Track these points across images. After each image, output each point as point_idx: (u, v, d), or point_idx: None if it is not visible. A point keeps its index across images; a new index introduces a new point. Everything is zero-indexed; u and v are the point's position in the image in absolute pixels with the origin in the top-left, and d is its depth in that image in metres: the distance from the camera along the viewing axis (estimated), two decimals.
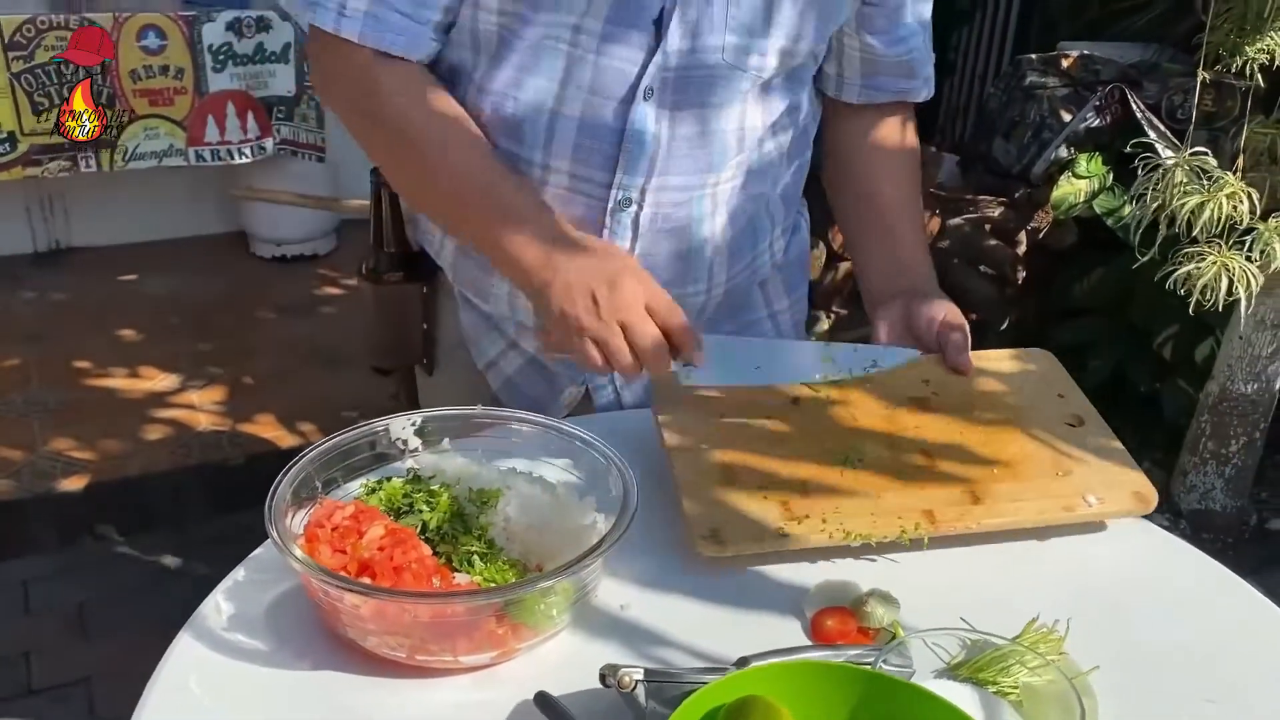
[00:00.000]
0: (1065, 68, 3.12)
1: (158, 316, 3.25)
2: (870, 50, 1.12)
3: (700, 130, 1.03)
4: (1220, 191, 1.99)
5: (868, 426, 1.01)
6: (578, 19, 0.97)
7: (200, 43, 3.06)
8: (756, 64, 1.01)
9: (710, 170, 1.05)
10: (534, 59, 1.00)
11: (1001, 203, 2.90)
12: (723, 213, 1.10)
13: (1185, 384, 2.69)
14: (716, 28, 0.98)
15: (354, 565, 0.79)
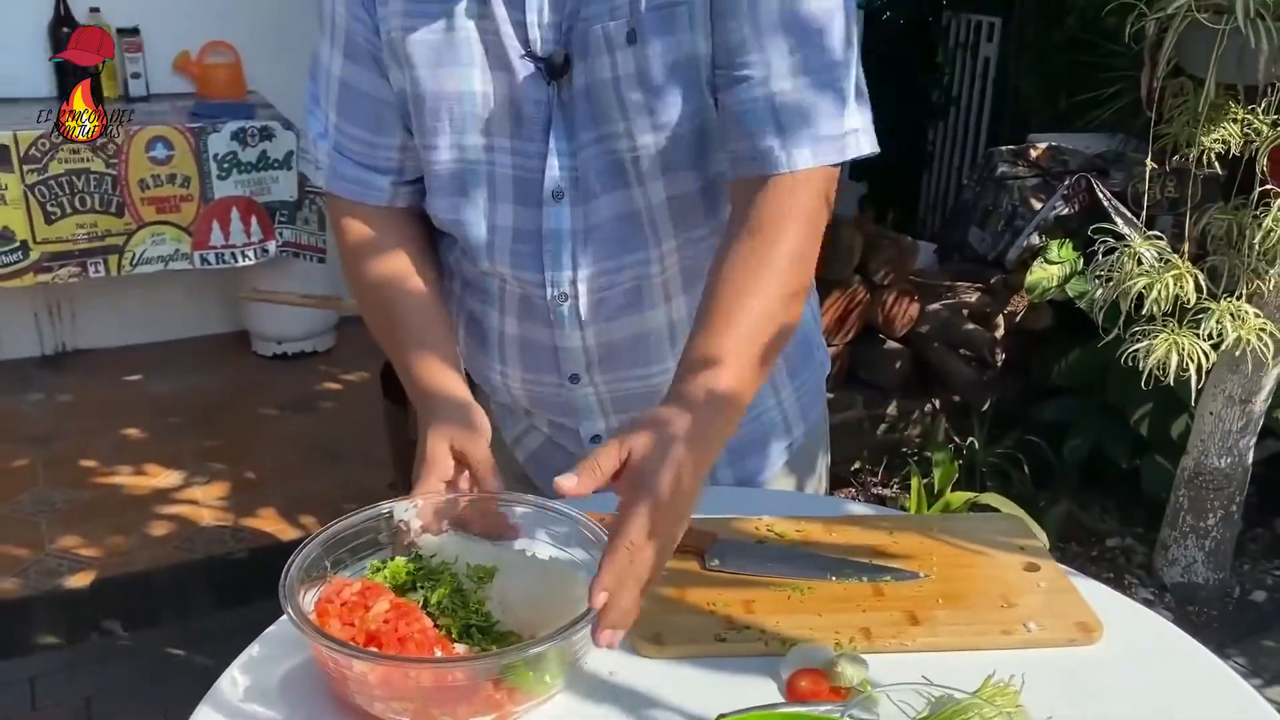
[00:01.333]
0: (1035, 158, 3.27)
1: (162, 415, 3.33)
2: (720, 104, 1.03)
3: (614, 216, 1.09)
4: (1167, 273, 2.10)
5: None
6: (483, 140, 1.08)
7: (206, 152, 3.19)
8: (628, 147, 1.05)
9: (635, 253, 1.11)
10: (459, 181, 1.10)
11: (978, 288, 3.02)
12: (674, 292, 1.15)
13: (1163, 459, 2.76)
14: (589, 123, 1.06)
15: (362, 636, 0.86)
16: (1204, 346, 2.07)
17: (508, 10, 1.03)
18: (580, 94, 1.05)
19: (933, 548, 1.12)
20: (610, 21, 1.01)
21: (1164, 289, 2.09)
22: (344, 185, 1.14)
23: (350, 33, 1.09)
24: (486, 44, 1.05)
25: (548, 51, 1.04)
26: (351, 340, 3.82)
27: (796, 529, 1.14)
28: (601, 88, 1.04)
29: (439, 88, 1.06)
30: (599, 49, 1.02)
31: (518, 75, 1.05)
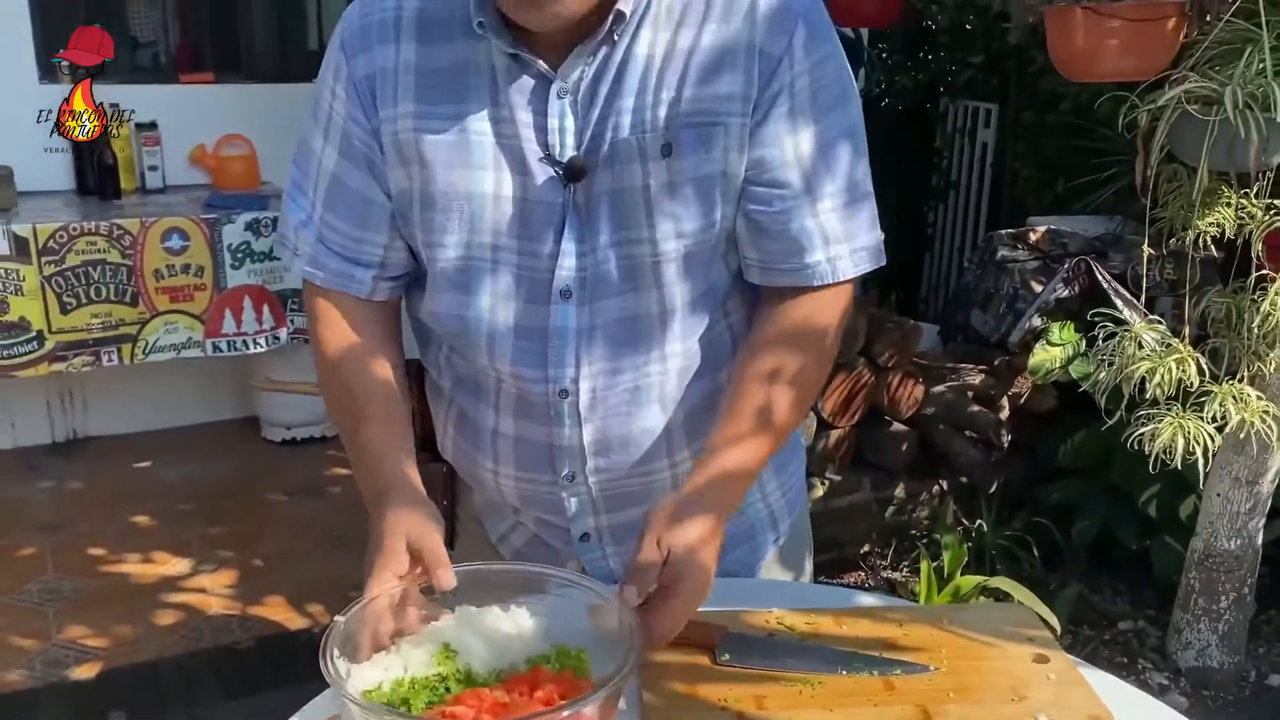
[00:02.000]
0: (1034, 242, 3.32)
1: (171, 502, 3.34)
2: (752, 217, 1.10)
3: (619, 318, 1.11)
4: (1169, 357, 2.13)
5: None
6: (493, 239, 1.09)
7: (221, 242, 3.25)
8: (649, 251, 1.09)
9: (639, 353, 1.13)
10: (464, 278, 1.12)
11: (982, 370, 3.04)
12: (672, 391, 1.16)
13: (1173, 540, 2.76)
14: (607, 226, 1.08)
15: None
16: (1209, 430, 2.08)
17: (529, 115, 1.06)
18: (603, 198, 1.07)
19: (942, 639, 1.12)
20: (646, 133, 1.05)
21: (1167, 373, 2.11)
22: (325, 276, 1.15)
23: (346, 132, 1.11)
24: (502, 146, 1.07)
25: (567, 156, 1.06)
26: None
27: (806, 621, 1.15)
28: (630, 194, 1.07)
29: (450, 188, 1.08)
30: (630, 157, 1.06)
31: (534, 178, 1.07)
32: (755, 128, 1.06)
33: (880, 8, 2.97)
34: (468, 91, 1.07)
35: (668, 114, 1.05)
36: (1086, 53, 1.99)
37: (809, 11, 1.07)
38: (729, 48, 1.05)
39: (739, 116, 1.05)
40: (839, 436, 2.92)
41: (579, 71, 1.05)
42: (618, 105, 1.05)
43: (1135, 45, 1.95)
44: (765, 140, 1.07)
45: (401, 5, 1.08)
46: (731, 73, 1.05)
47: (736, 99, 1.05)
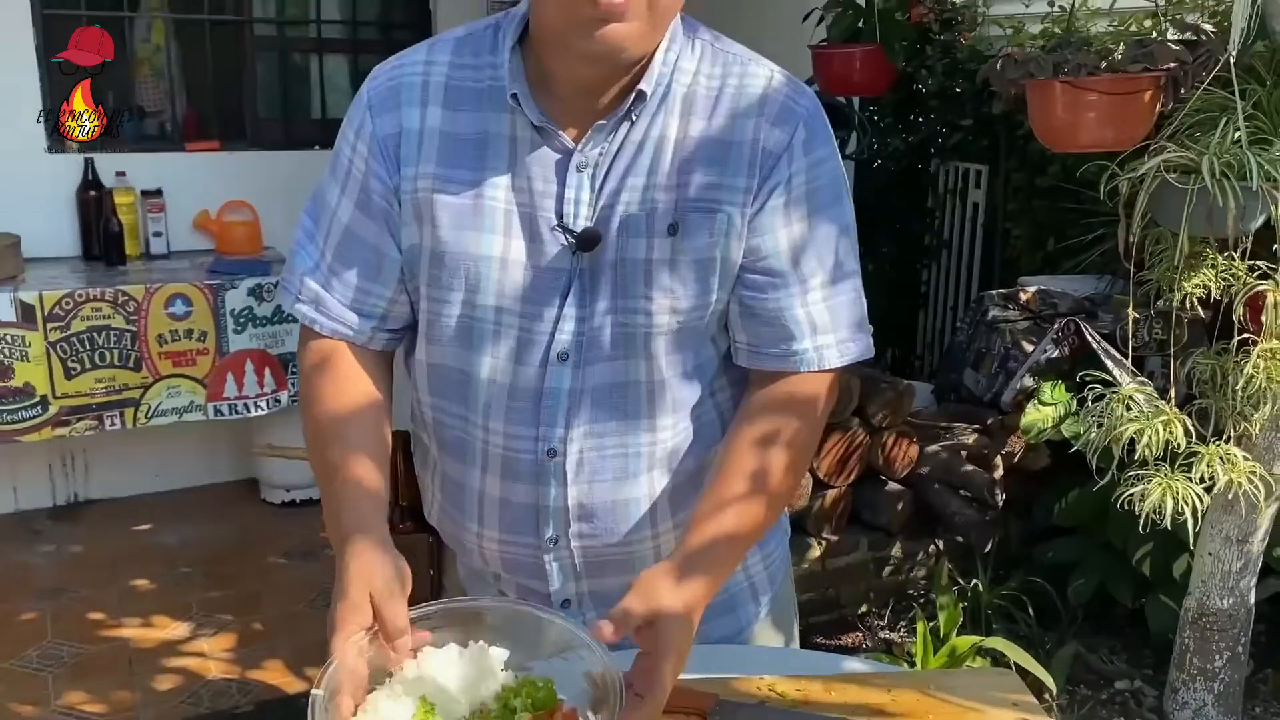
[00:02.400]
0: (1025, 301, 3.37)
1: (171, 565, 3.35)
2: (745, 303, 1.15)
3: (610, 384, 1.16)
4: (1156, 419, 2.16)
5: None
6: (496, 301, 1.14)
7: (224, 308, 3.31)
8: (644, 323, 1.14)
9: (627, 420, 1.17)
10: (466, 336, 1.16)
11: (976, 430, 3.07)
12: (658, 464, 1.20)
13: (1167, 599, 2.77)
14: (607, 294, 1.13)
15: None
16: (1197, 490, 2.11)
17: (546, 185, 1.12)
18: (607, 267, 1.13)
19: (930, 705, 1.15)
20: (655, 211, 1.11)
21: (1154, 434, 2.15)
22: (325, 323, 1.17)
23: (366, 187, 1.15)
24: (514, 213, 1.12)
25: (580, 226, 1.12)
26: None
27: (797, 688, 1.17)
28: (633, 265, 1.12)
29: (460, 248, 1.13)
30: (638, 231, 1.11)
31: (544, 245, 1.13)
32: (753, 216, 1.12)
33: (872, 78, 3.05)
34: (487, 159, 1.12)
35: (676, 196, 1.11)
36: (1066, 125, 2.05)
37: (811, 117, 1.14)
38: (734, 141, 1.12)
39: (740, 207, 1.12)
40: (835, 496, 2.95)
41: (599, 148, 1.11)
42: (631, 182, 1.11)
43: (1113, 117, 2.01)
44: (760, 229, 1.13)
45: (429, 71, 1.14)
46: (735, 165, 1.11)
47: (739, 191, 1.12)
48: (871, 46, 2.92)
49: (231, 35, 3.87)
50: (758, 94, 1.13)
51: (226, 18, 3.85)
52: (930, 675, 1.25)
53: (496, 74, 1.12)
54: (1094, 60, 1.97)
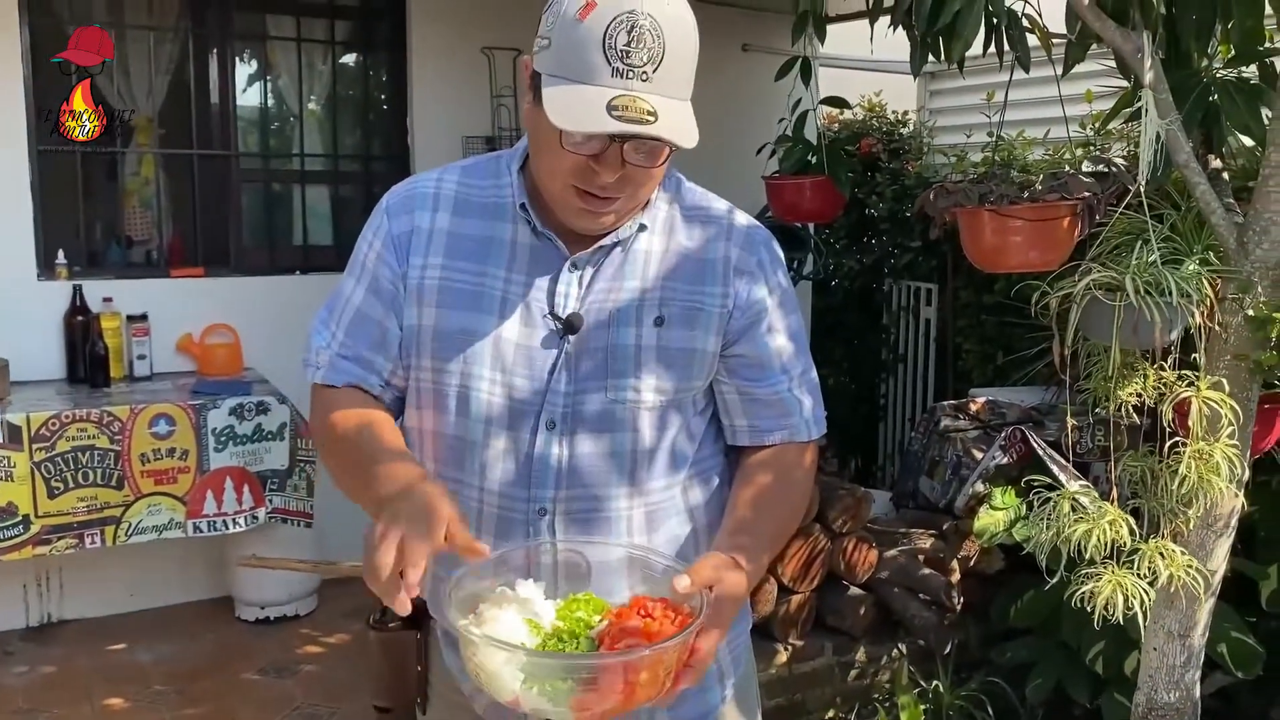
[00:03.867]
0: (974, 412, 3.54)
1: (145, 683, 3.37)
2: (745, 391, 1.38)
3: (595, 452, 1.32)
4: (1103, 518, 2.30)
5: None
6: (491, 373, 1.31)
7: (205, 426, 3.41)
8: (633, 398, 1.32)
9: (611, 486, 1.33)
10: (466, 404, 1.32)
11: (931, 534, 3.20)
12: (638, 527, 1.35)
13: (1121, 696, 2.86)
14: (596, 374, 1.31)
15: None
16: (1143, 585, 2.24)
17: (541, 280, 1.31)
18: (599, 351, 1.31)
19: None
20: (644, 305, 1.32)
21: (1101, 533, 2.28)
22: (342, 376, 1.36)
23: (376, 275, 1.35)
24: (511, 300, 1.31)
25: (567, 313, 1.31)
26: (333, 602, 3.91)
27: None
28: (624, 351, 1.32)
29: (460, 326, 1.31)
30: (628, 321, 1.32)
31: (537, 328, 1.32)
32: (745, 328, 1.36)
33: (822, 206, 3.26)
34: (490, 256, 1.33)
35: (661, 296, 1.33)
36: (995, 248, 2.25)
37: (769, 242, 1.41)
38: (708, 259, 1.36)
39: (718, 309, 1.34)
40: (800, 601, 3.05)
41: (593, 258, 1.31)
42: (623, 284, 1.32)
43: (1036, 241, 2.21)
44: (754, 335, 1.37)
45: (440, 185, 1.36)
46: (711, 277, 1.35)
47: (716, 295, 1.35)
48: (821, 178, 3.14)
49: (217, 167, 4.07)
50: (724, 223, 1.39)
51: (213, 152, 4.05)
52: None
53: (501, 192, 1.34)
54: (1015, 191, 2.18)
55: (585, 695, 1.02)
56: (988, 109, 3.66)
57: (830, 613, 3.12)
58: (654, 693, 1.06)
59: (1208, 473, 2.37)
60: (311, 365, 1.39)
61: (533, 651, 1.05)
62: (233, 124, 4.07)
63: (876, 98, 5.18)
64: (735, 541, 1.26)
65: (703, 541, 1.41)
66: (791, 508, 1.40)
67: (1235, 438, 2.19)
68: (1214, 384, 2.10)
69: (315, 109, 4.34)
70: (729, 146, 3.65)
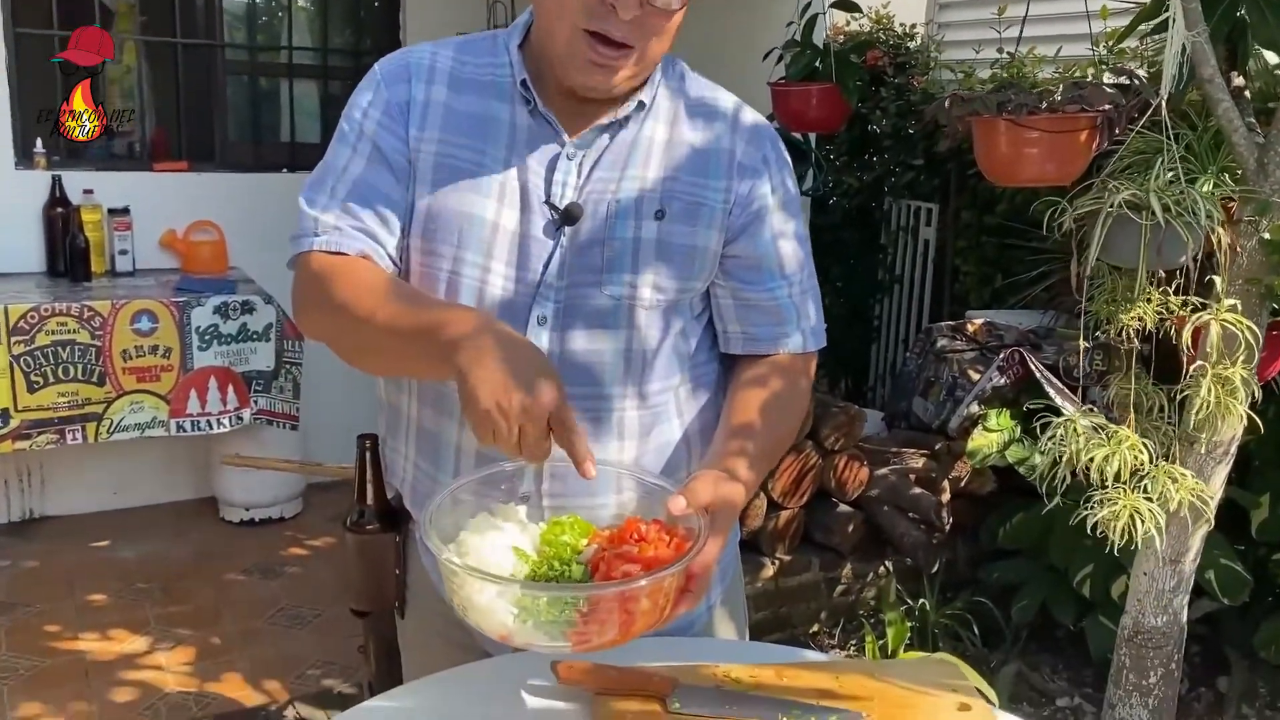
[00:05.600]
0: (972, 333, 3.49)
1: (128, 581, 3.35)
2: (739, 294, 1.31)
3: (588, 349, 1.26)
4: (1121, 444, 2.27)
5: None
6: (484, 260, 1.24)
7: (189, 324, 3.34)
8: (629, 295, 1.25)
9: (603, 386, 1.27)
10: (455, 291, 1.25)
11: (923, 454, 3.18)
12: (630, 431, 1.30)
13: (1106, 619, 2.87)
14: (592, 268, 1.25)
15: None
16: (1157, 509, 2.21)
17: (539, 167, 1.23)
18: (596, 245, 1.24)
19: (875, 689, 1.22)
20: (644, 197, 1.24)
21: (1121, 458, 2.24)
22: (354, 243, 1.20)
23: (379, 143, 1.23)
24: (509, 185, 1.23)
25: (566, 203, 1.23)
26: (318, 505, 3.89)
27: (750, 674, 1.24)
28: (621, 244, 1.24)
29: (457, 207, 1.23)
30: (628, 215, 1.24)
31: (534, 216, 1.24)
32: (745, 225, 1.29)
33: (828, 116, 3.17)
34: (488, 136, 1.24)
35: (663, 188, 1.25)
36: (1009, 160, 2.17)
37: (775, 140, 1.33)
38: (712, 150, 1.28)
39: (721, 204, 1.27)
40: (789, 517, 3.03)
41: (592, 144, 1.24)
42: (623, 175, 1.25)
43: (1052, 154, 2.13)
44: (754, 234, 1.29)
45: (436, 59, 1.27)
46: (715, 169, 1.28)
47: (719, 190, 1.27)
48: (827, 85, 3.04)
49: (202, 58, 3.93)
50: (730, 116, 1.31)
51: (198, 41, 3.90)
52: (876, 664, 1.33)
53: (499, 71, 1.25)
54: (1034, 100, 2.09)
55: (583, 627, 0.97)
56: (998, 24, 3.54)
57: (819, 529, 3.11)
58: (654, 620, 1.02)
59: (1226, 397, 2.33)
60: (307, 235, 1.21)
61: (527, 584, 0.99)
62: (218, 13, 3.91)
63: (884, 9, 5.02)
64: (729, 450, 1.21)
65: (694, 450, 1.37)
66: (787, 421, 1.33)
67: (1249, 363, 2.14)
68: (1229, 307, 2.05)
69: (305, 1, 4.18)
70: (734, 51, 3.53)
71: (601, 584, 0.98)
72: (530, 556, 1.03)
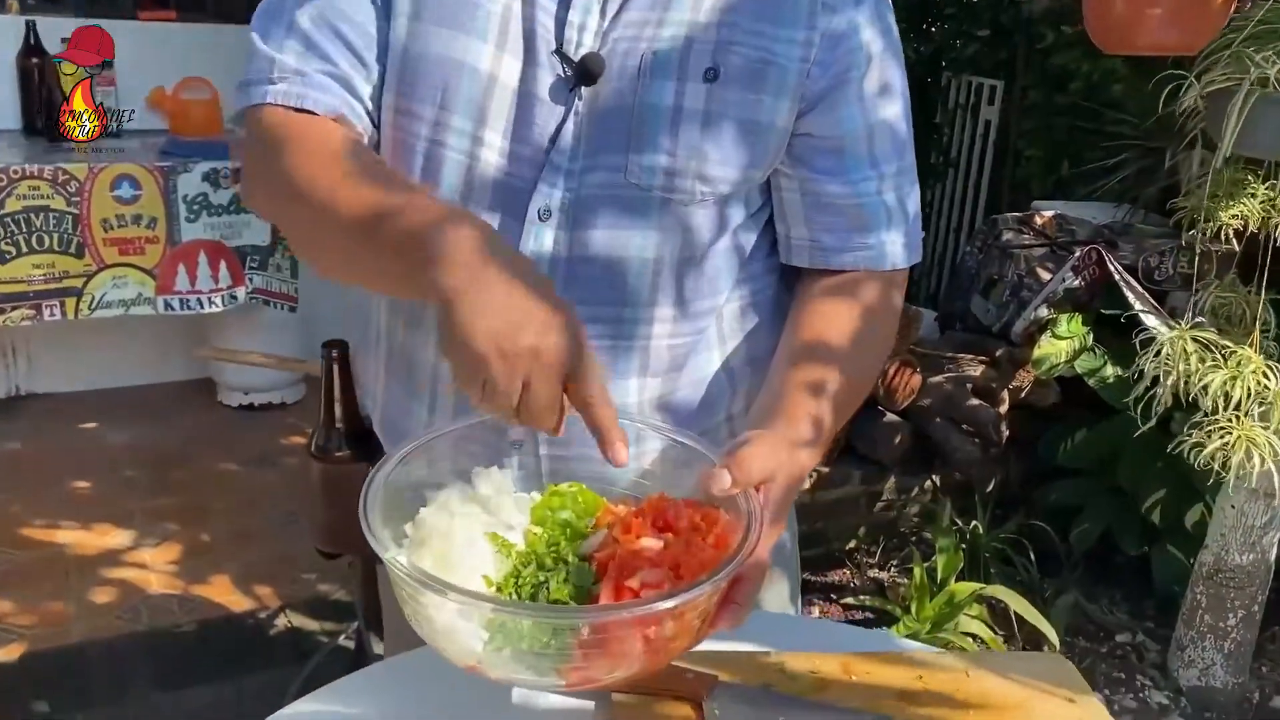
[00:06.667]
0: (1041, 226, 3.15)
1: (116, 468, 3.14)
2: (810, 187, 0.99)
3: (606, 257, 0.95)
4: (1245, 367, 1.96)
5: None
6: (474, 127, 0.93)
7: (175, 193, 3.04)
8: (663, 185, 0.94)
9: (624, 306, 0.97)
10: (431, 164, 0.95)
11: (982, 361, 2.87)
12: (654, 365, 1.00)
13: (1175, 549, 2.62)
14: (615, 145, 0.93)
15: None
16: (1276, 441, 1.92)
17: (549, 2, 0.92)
18: (620, 113, 0.92)
19: (969, 693, 0.96)
20: (691, 49, 0.91)
21: (1244, 384, 1.94)
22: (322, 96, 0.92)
23: None
24: (513, 25, 0.92)
25: (581, 55, 0.91)
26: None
27: (812, 667, 0.98)
28: (656, 113, 0.92)
29: (443, 51, 0.92)
30: (666, 72, 0.91)
31: (541, 71, 0.92)
32: (826, 91, 0.95)
33: None
34: None
35: (718, 37, 0.92)
36: (1125, 21, 1.80)
37: None
38: None
39: (797, 61, 0.94)
40: None
41: None
42: (662, 18, 0.92)
43: (1180, 17, 1.76)
44: (838, 104, 0.96)
45: None
46: (791, 13, 0.94)
47: (796, 44, 0.95)
48: None
49: None
50: None
51: None
52: (968, 657, 1.05)
53: None
54: None
55: (583, 662, 0.68)
56: None
57: (861, 439, 2.83)
58: (684, 646, 0.74)
59: None
60: (260, 82, 0.93)
61: (503, 603, 0.69)
62: None
63: None
64: (792, 401, 0.91)
65: (739, 386, 1.07)
66: (868, 361, 1.02)
67: None
68: None
69: None
70: None
71: (608, 606, 0.69)
72: (514, 548, 0.74)
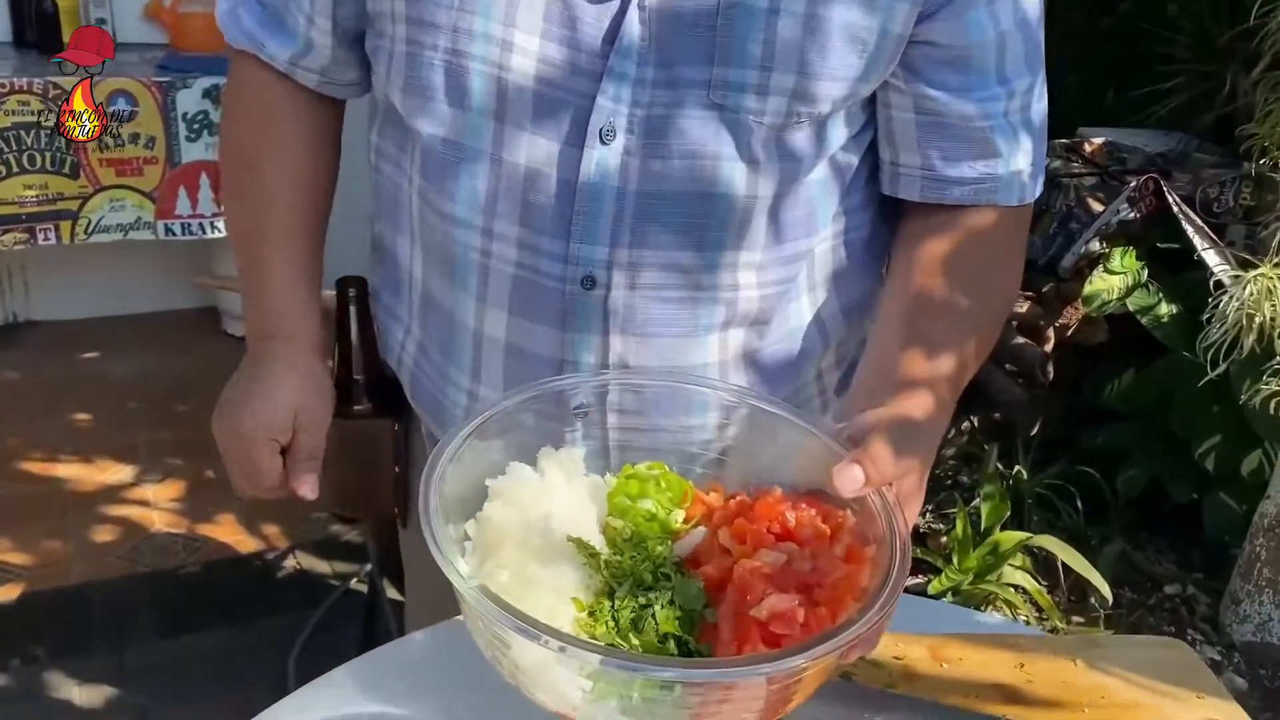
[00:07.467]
0: (1090, 154, 2.97)
1: (118, 400, 3.02)
2: (927, 104, 0.84)
3: (682, 191, 0.80)
4: None
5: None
6: (507, 32, 0.76)
7: (174, 110, 2.87)
8: (754, 106, 0.78)
9: (704, 250, 0.82)
10: (461, 88, 0.79)
11: (1029, 297, 2.71)
12: (740, 318, 0.86)
13: (1229, 498, 2.48)
14: (692, 57, 0.77)
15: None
16: None
17: None
18: (697, 15, 0.75)
19: (1079, 689, 0.82)
20: None
21: None
22: (235, 32, 0.91)
23: None
24: None
25: None
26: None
27: (895, 652, 0.85)
28: (747, 16, 0.75)
29: None
30: None
31: None
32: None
33: None
34: None
35: None
36: None
37: None
38: None
39: None
40: None
41: None
42: None
43: None
44: (964, 9, 0.80)
45: None
46: None
47: None
48: None
49: None
50: None
51: None
52: (1074, 641, 0.92)
53: None
54: None
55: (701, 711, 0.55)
56: None
57: None
58: (816, 686, 0.60)
59: None
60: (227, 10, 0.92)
61: (623, 656, 0.54)
62: None
63: None
64: (912, 372, 0.78)
65: (831, 339, 0.93)
66: (992, 314, 0.89)
67: None
68: None
69: None
70: None
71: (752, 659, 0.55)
72: (602, 557, 0.60)
